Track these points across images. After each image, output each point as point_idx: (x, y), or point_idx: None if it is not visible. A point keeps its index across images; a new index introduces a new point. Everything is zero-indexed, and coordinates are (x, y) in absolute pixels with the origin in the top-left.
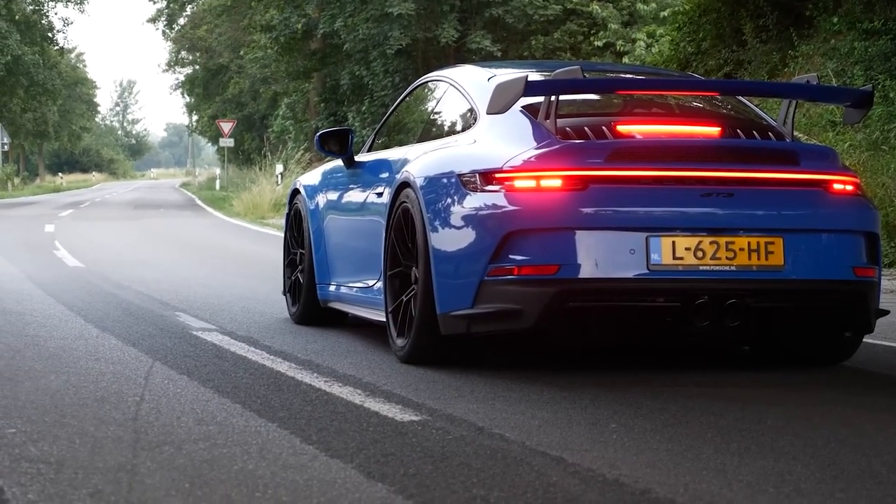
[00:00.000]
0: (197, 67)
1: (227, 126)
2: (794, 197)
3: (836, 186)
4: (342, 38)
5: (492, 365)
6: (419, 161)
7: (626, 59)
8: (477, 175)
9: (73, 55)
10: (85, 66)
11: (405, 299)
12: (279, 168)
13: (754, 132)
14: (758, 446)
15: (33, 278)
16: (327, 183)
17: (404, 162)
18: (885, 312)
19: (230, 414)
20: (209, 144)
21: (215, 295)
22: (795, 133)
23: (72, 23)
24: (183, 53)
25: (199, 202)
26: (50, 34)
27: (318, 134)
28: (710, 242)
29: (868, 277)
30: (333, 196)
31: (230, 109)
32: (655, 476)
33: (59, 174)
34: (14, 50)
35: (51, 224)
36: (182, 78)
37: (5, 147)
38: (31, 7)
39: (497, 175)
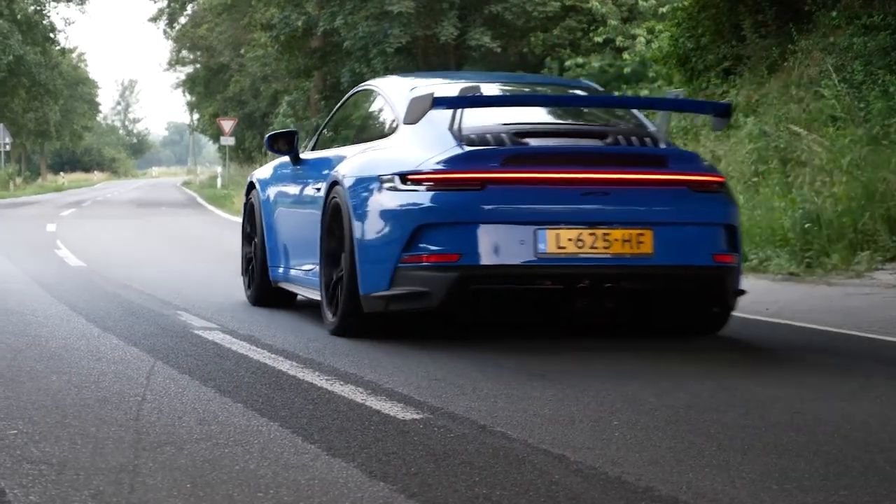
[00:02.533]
0: (198, 66)
1: (228, 124)
2: (662, 195)
3: (699, 185)
4: (342, 35)
5: (494, 363)
6: (348, 162)
7: (625, 55)
8: (394, 176)
9: (74, 55)
10: (86, 65)
11: (335, 282)
12: None
13: (633, 139)
14: (761, 443)
15: (35, 278)
16: (276, 178)
17: (337, 161)
18: (743, 292)
19: (232, 413)
20: (210, 143)
21: (217, 294)
22: (792, 127)
23: (73, 22)
24: (184, 52)
25: (200, 201)
26: (51, 34)
27: (267, 135)
28: (589, 234)
29: (726, 263)
30: (281, 190)
31: (231, 108)
32: (658, 474)
33: (61, 173)
34: (16, 50)
35: (52, 223)
36: (183, 77)
37: (7, 147)
38: (32, 7)
39: (410, 176)
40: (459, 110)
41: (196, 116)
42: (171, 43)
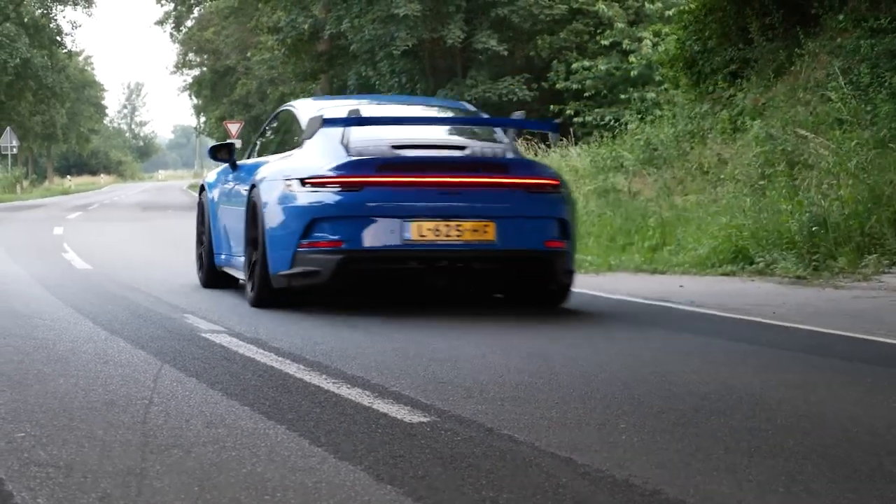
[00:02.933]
0: (204, 69)
1: (234, 127)
2: (503, 194)
3: (535, 187)
4: (349, 39)
5: (500, 366)
6: (265, 168)
7: (632, 58)
8: (295, 180)
9: (81, 58)
10: (93, 68)
11: (254, 264)
12: None
13: (485, 151)
14: (768, 446)
15: (42, 281)
16: (219, 182)
17: (259, 167)
18: (571, 273)
19: (239, 416)
20: None
21: (223, 297)
22: (799, 130)
23: (80, 26)
24: (190, 55)
25: None
26: (58, 37)
27: (210, 146)
28: (445, 225)
29: (557, 248)
30: (222, 190)
31: (238, 111)
32: (665, 477)
33: (68, 176)
34: (23, 53)
35: (59, 226)
36: (189, 80)
37: (14, 150)
38: (39, 10)
39: (307, 180)
40: (348, 128)
41: (202, 119)
42: (178, 46)
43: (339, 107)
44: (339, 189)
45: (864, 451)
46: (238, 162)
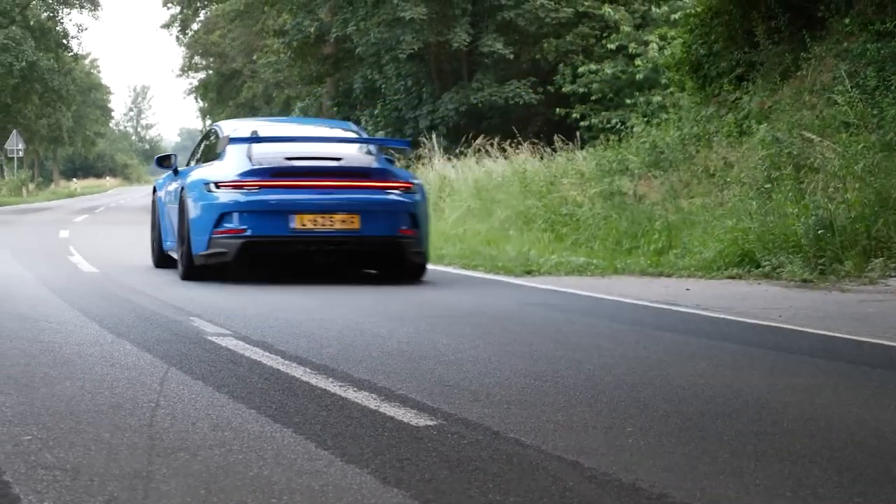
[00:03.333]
0: (210, 72)
1: None
2: (366, 193)
3: (391, 187)
4: (354, 42)
5: (507, 369)
6: (192, 174)
7: (638, 62)
8: (211, 184)
9: (87, 61)
10: (99, 71)
11: (183, 248)
12: None
13: (356, 160)
14: (774, 450)
15: (48, 284)
16: (165, 183)
17: (189, 174)
18: (421, 254)
19: (245, 419)
20: None
21: (229, 299)
22: (805, 133)
23: (86, 29)
24: (196, 58)
25: None
26: (64, 40)
27: (157, 157)
28: (321, 217)
29: (407, 235)
30: (167, 191)
31: (243, 114)
32: (672, 481)
33: (74, 179)
34: (29, 56)
35: (65, 229)
36: (195, 83)
37: (20, 153)
38: (45, 13)
39: (219, 183)
40: (251, 145)
41: (209, 122)
42: (184, 49)
43: (254, 126)
44: (242, 190)
45: (871, 454)
46: (178, 168)
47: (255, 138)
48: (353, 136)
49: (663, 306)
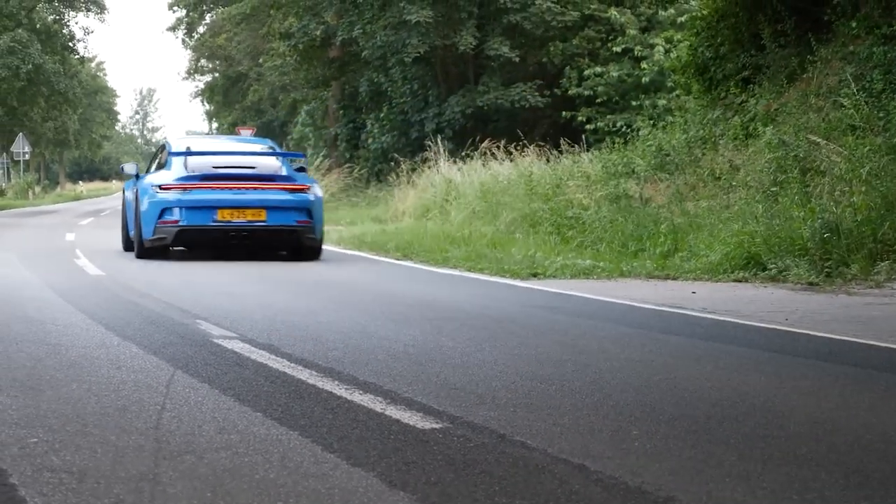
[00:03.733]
0: (216, 75)
1: (246, 133)
2: (271, 193)
3: (291, 189)
4: (360, 45)
5: (512, 372)
6: (146, 179)
7: (644, 65)
8: (157, 186)
9: (93, 64)
10: (105, 74)
11: (136, 234)
12: None
13: (266, 169)
14: (781, 453)
15: (54, 286)
16: (129, 185)
17: (143, 178)
18: (314, 239)
19: (251, 422)
20: None
21: (236, 302)
22: (811, 137)
23: (92, 32)
24: (202, 61)
25: None
26: (70, 43)
27: (121, 165)
28: (237, 211)
29: (302, 225)
30: (131, 191)
31: (250, 117)
32: (678, 484)
33: (80, 182)
34: (35, 59)
35: (71, 232)
36: (202, 86)
37: (26, 156)
38: (51, 17)
39: (163, 186)
40: (186, 157)
41: (215, 125)
42: (190, 52)
43: (193, 143)
44: (179, 191)
45: (878, 458)
46: (139, 174)
47: (190, 152)
48: (266, 150)
49: (669, 309)
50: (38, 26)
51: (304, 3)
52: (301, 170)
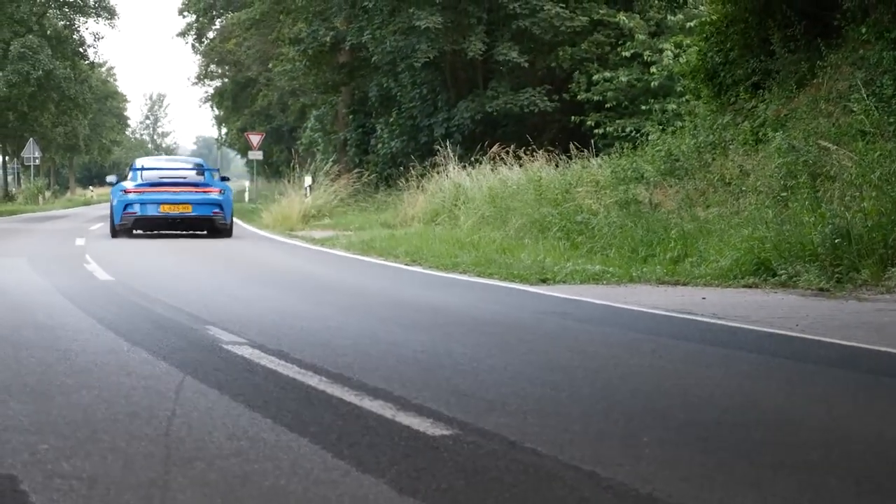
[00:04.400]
0: (226, 80)
1: (255, 138)
2: (196, 195)
3: (209, 192)
4: (370, 50)
5: (523, 378)
6: (119, 185)
7: (653, 69)
8: (123, 190)
9: (103, 69)
10: (115, 79)
11: (111, 222)
12: (308, 180)
13: (195, 178)
14: (792, 460)
15: (64, 292)
16: (114, 191)
17: (119, 184)
18: (225, 224)
19: (261, 429)
20: (238, 157)
21: (245, 307)
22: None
23: (102, 37)
24: (212, 67)
25: None
26: (81, 49)
27: (106, 178)
28: (172, 207)
29: (216, 215)
30: (112, 192)
31: (259, 122)
32: (690, 491)
33: (90, 187)
34: (45, 65)
35: (81, 237)
36: (211, 91)
37: (37, 161)
38: (62, 22)
39: (127, 190)
40: (141, 171)
41: (224, 130)
42: (200, 57)
43: (148, 161)
44: (135, 194)
45: (890, 465)
46: (118, 182)
47: (143, 168)
48: (194, 166)
49: (679, 315)
50: (48, 32)
51: (313, 8)
52: (225, 178)
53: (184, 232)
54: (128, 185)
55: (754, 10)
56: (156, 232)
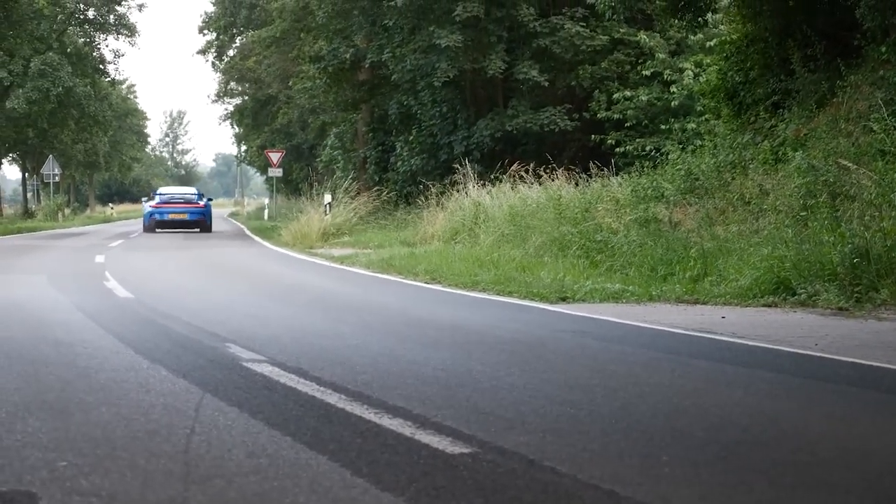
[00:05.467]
0: (246, 98)
1: (275, 156)
2: (192, 210)
3: (197, 206)
4: (390, 68)
5: (542, 396)
6: (149, 202)
7: (673, 89)
8: (150, 204)
9: (123, 86)
10: (135, 97)
11: (143, 224)
12: (327, 198)
13: (193, 198)
14: (811, 479)
15: (84, 309)
16: (145, 206)
17: (148, 202)
18: (208, 226)
19: (280, 446)
20: (258, 174)
21: (265, 325)
22: (841, 161)
23: (123, 55)
24: (232, 84)
25: (247, 232)
26: (101, 66)
27: (142, 199)
28: (177, 214)
29: (202, 221)
30: (145, 207)
31: (279, 139)
32: None
33: (110, 204)
34: (65, 82)
35: (101, 254)
36: (231, 108)
37: (56, 178)
38: (82, 40)
39: (151, 205)
40: (159, 194)
41: (244, 148)
42: (220, 75)
43: (165, 189)
44: (154, 207)
45: None
46: (149, 200)
47: (160, 193)
48: (192, 192)
49: (699, 334)
50: (68, 49)
51: (333, 26)
52: (210, 199)
53: (190, 230)
54: (151, 202)
55: (774, 29)
56: (170, 231)
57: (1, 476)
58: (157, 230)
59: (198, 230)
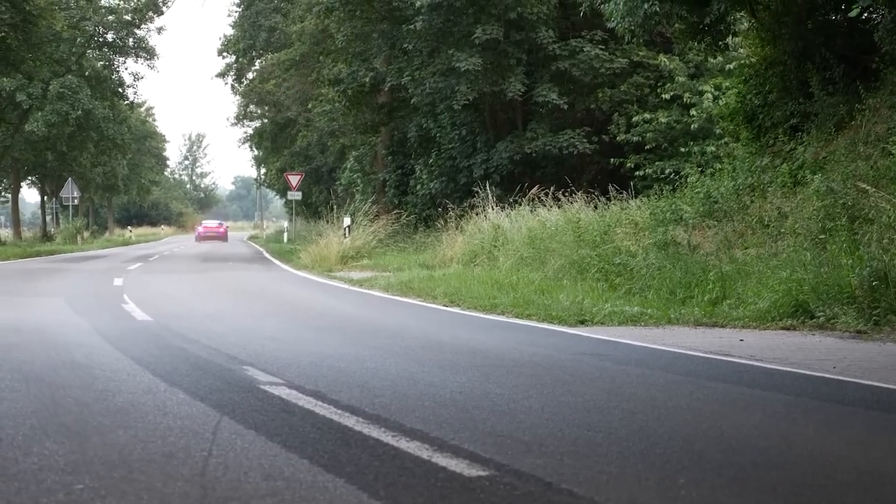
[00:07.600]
0: (265, 121)
1: (295, 179)
2: (217, 231)
3: (222, 230)
4: (409, 91)
5: (559, 419)
6: (199, 227)
7: (692, 111)
8: (195, 229)
9: (142, 109)
10: (154, 120)
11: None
12: (347, 220)
13: (219, 225)
14: (829, 502)
15: (102, 332)
16: (197, 228)
17: (199, 226)
18: (225, 239)
19: (297, 469)
20: (277, 197)
21: (283, 348)
22: (860, 184)
23: (142, 78)
24: (251, 107)
25: (267, 255)
26: (120, 89)
27: (196, 225)
28: (215, 233)
29: (222, 236)
30: (197, 230)
31: (298, 162)
32: None
33: (128, 227)
34: (85, 105)
35: (119, 277)
36: (250, 131)
37: (75, 201)
38: (101, 63)
39: (198, 229)
40: (203, 223)
41: (263, 171)
42: (239, 98)
43: (205, 222)
44: (200, 234)
45: None
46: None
47: (203, 222)
48: (218, 221)
49: (717, 357)
50: (87, 72)
51: (353, 49)
52: (227, 224)
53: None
54: (200, 227)
55: (793, 52)
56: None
57: (18, 499)
58: (198, 241)
59: (221, 241)
